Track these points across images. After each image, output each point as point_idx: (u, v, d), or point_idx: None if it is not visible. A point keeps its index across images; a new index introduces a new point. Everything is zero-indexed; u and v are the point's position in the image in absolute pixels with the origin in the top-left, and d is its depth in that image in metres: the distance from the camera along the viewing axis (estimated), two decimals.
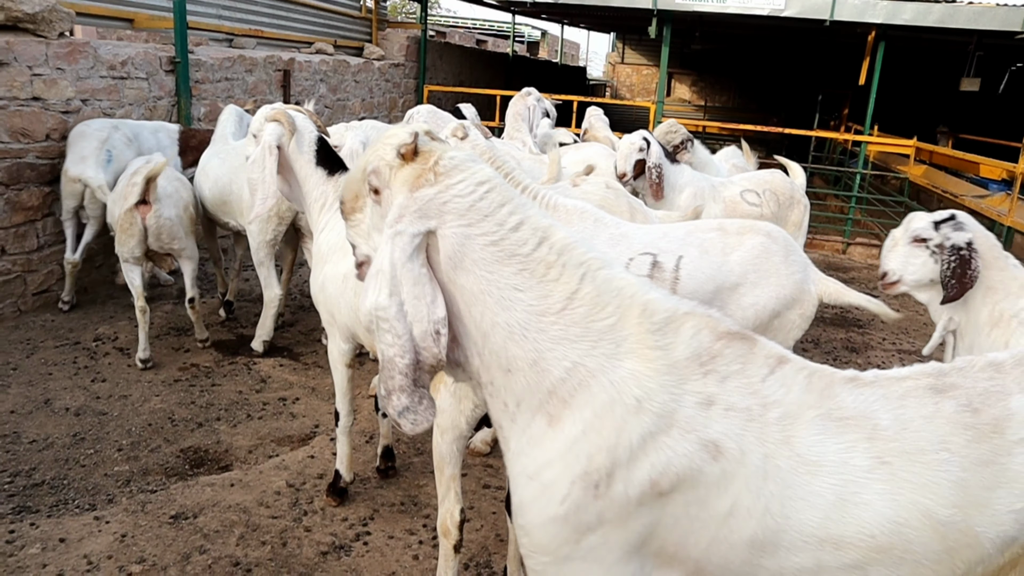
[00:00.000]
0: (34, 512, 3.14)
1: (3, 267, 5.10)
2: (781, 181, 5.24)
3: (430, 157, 1.67)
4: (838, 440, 1.62)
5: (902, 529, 1.60)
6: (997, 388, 1.69)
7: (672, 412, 1.60)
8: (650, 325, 1.65)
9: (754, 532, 1.61)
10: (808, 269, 3.44)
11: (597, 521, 1.61)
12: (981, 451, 1.62)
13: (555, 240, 1.66)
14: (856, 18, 9.64)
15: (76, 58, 5.46)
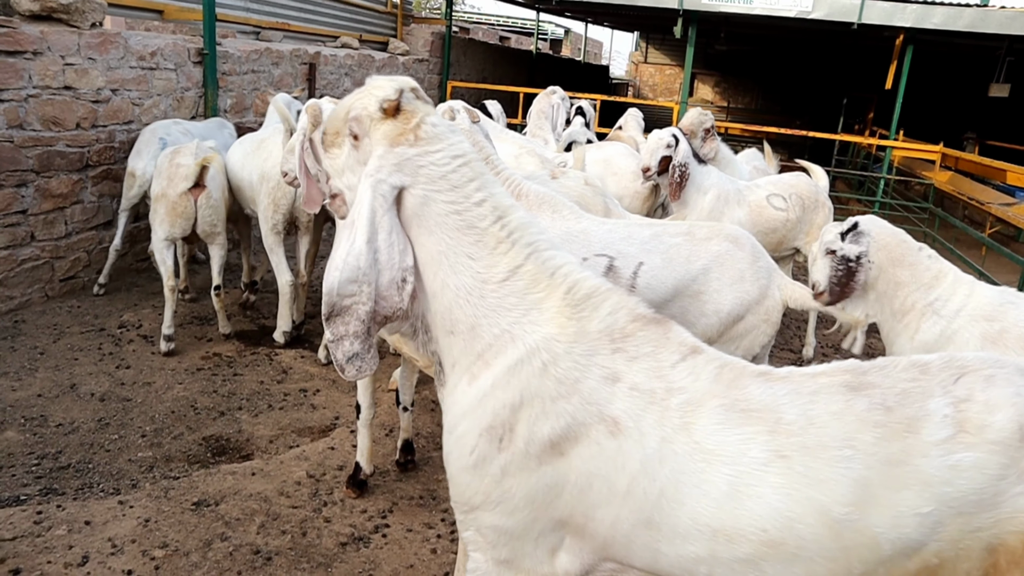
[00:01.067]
0: (60, 494, 3.20)
1: (32, 253, 5.18)
2: (806, 185, 5.21)
3: (412, 117, 1.72)
4: (738, 431, 1.63)
5: (795, 525, 1.59)
6: (918, 389, 1.66)
7: (576, 380, 1.67)
8: (572, 299, 1.73)
9: (651, 515, 1.64)
10: (774, 275, 3.40)
11: (501, 473, 1.69)
12: (891, 450, 1.59)
13: (510, 219, 1.76)
14: (884, 21, 9.55)
15: (107, 48, 5.53)
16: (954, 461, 1.59)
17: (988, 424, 1.61)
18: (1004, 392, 1.64)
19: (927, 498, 1.58)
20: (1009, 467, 1.60)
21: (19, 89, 4.91)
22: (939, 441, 1.60)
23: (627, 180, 5.57)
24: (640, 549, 1.70)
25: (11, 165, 4.94)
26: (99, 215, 5.69)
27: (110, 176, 5.72)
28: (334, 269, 1.69)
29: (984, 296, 2.95)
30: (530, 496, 1.70)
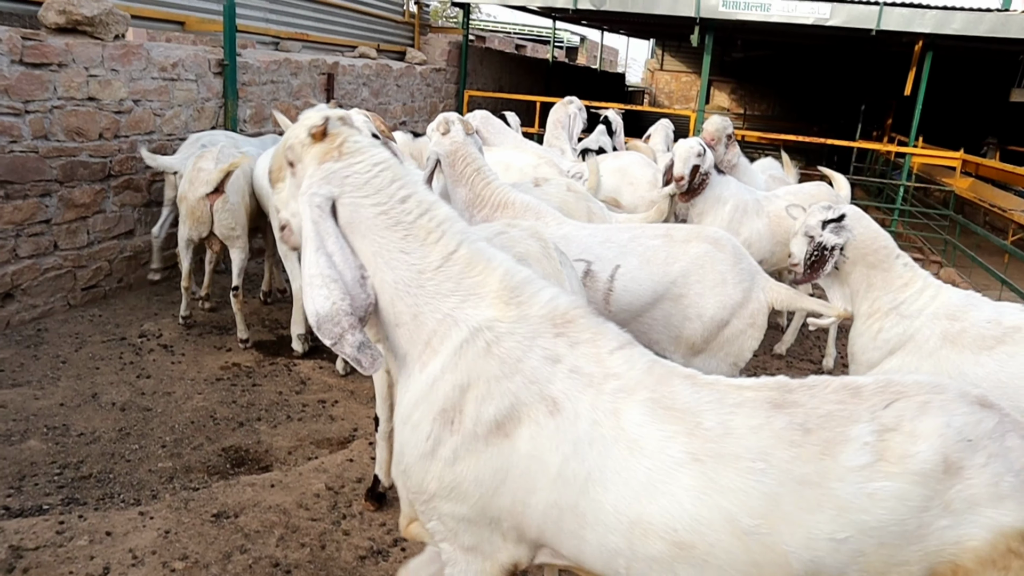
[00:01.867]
0: (82, 504, 3.22)
1: (55, 262, 5.24)
2: (827, 195, 5.17)
3: (336, 138, 1.88)
4: (661, 427, 1.66)
5: (703, 528, 1.60)
6: (844, 412, 1.65)
7: (518, 360, 1.73)
8: (509, 283, 1.82)
9: (578, 500, 1.68)
10: (757, 276, 3.36)
11: (453, 457, 1.74)
12: (805, 471, 1.59)
13: (436, 212, 1.88)
14: (904, 27, 9.47)
15: (130, 60, 5.60)
16: (872, 489, 1.57)
17: (911, 454, 1.59)
18: (934, 422, 1.62)
19: (843, 524, 1.57)
20: (932, 499, 1.58)
21: (44, 100, 4.98)
22: (857, 467, 1.58)
23: (643, 190, 5.56)
24: (568, 537, 1.72)
25: (35, 175, 5.01)
26: (120, 224, 5.75)
27: (131, 186, 5.78)
28: (306, 285, 1.80)
29: (949, 298, 3.00)
30: (479, 479, 1.74)
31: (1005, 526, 1.59)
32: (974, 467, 1.60)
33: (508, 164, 4.76)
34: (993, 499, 1.59)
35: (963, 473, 1.59)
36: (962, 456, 1.60)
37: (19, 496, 3.23)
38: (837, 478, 1.58)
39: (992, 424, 1.65)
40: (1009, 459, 1.62)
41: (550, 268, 2.54)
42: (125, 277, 5.84)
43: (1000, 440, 1.63)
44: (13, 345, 4.71)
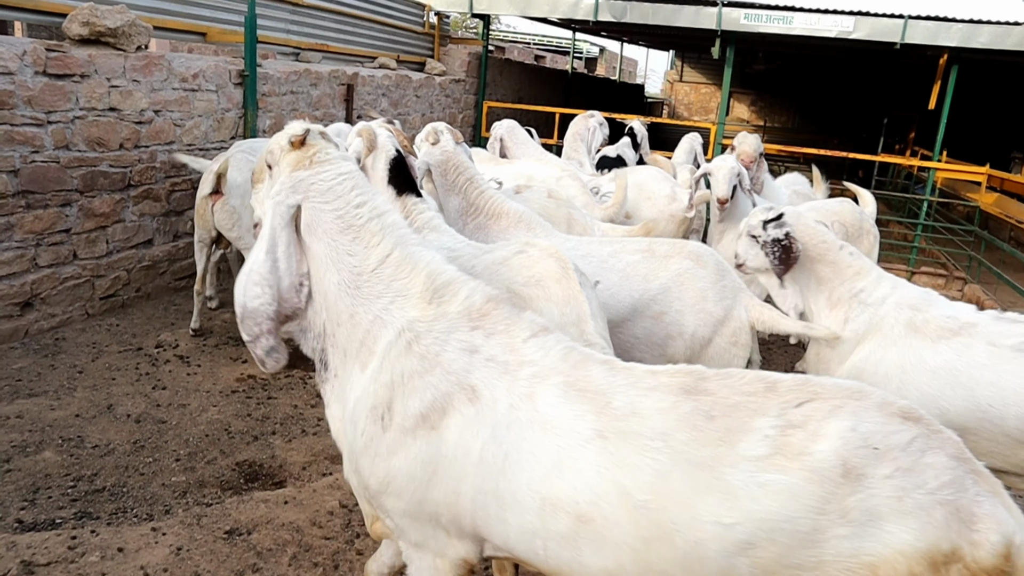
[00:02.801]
0: (95, 519, 3.20)
1: (74, 272, 5.25)
2: (850, 211, 5.09)
3: (311, 148, 2.05)
4: (572, 407, 1.72)
5: (600, 502, 1.65)
6: (752, 404, 1.66)
7: (436, 355, 1.84)
8: (432, 284, 1.95)
9: (498, 482, 1.74)
10: (740, 295, 3.26)
11: (388, 452, 1.83)
12: (700, 454, 1.61)
13: (385, 219, 2.02)
14: (929, 41, 9.35)
15: (151, 70, 5.63)
16: (764, 480, 1.57)
17: (809, 452, 1.58)
18: (839, 424, 1.60)
19: (730, 509, 1.57)
20: (828, 502, 1.55)
21: (67, 111, 5.01)
22: (753, 457, 1.59)
23: (661, 204, 5.49)
24: (496, 522, 1.78)
25: (57, 185, 5.03)
26: (139, 234, 5.76)
27: (151, 196, 5.80)
28: (242, 276, 1.96)
29: (909, 290, 3.10)
30: (412, 473, 1.82)
31: (906, 545, 1.53)
32: (877, 477, 1.56)
33: (531, 176, 4.72)
34: (896, 514, 1.54)
35: (864, 481, 1.55)
36: (864, 463, 1.56)
37: (33, 509, 3.21)
38: (730, 464, 1.59)
39: (908, 437, 1.60)
40: (922, 476, 1.57)
41: (569, 290, 2.48)
42: (143, 287, 5.86)
43: (917, 455, 1.58)
44: (31, 354, 4.72)
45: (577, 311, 2.46)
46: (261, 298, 1.93)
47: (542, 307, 2.48)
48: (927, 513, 1.54)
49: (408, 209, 3.10)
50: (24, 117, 4.73)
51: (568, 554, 1.70)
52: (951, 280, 9.39)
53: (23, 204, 4.83)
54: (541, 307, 2.48)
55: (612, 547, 1.65)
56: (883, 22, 9.51)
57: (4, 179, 4.68)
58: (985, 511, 1.58)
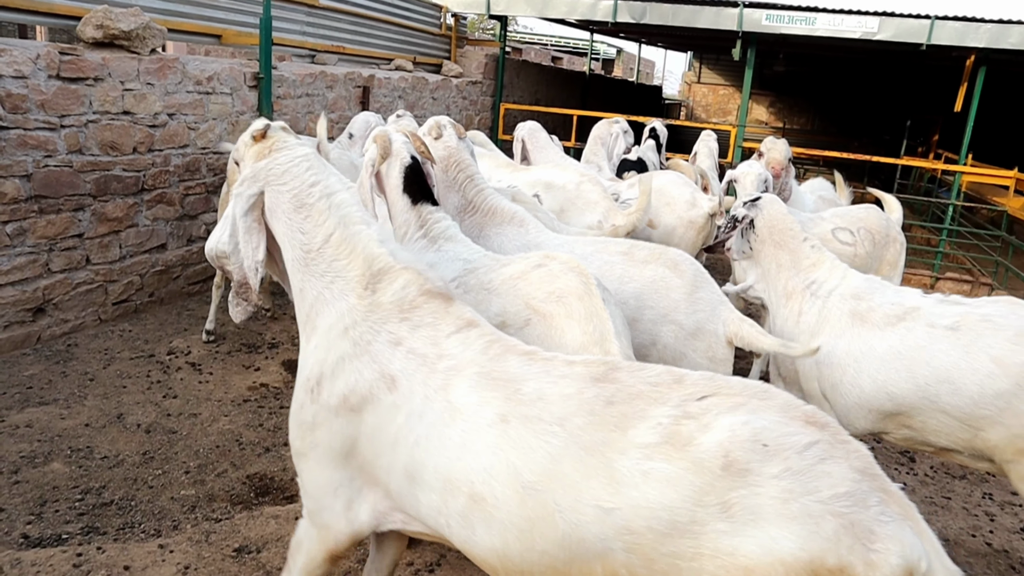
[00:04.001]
0: (102, 534, 3.12)
1: (87, 277, 5.21)
2: (876, 218, 4.93)
3: (271, 140, 2.19)
4: (481, 395, 1.79)
5: (492, 481, 1.71)
6: (654, 394, 1.67)
7: (368, 343, 1.95)
8: (369, 271, 2.04)
9: (407, 463, 1.85)
10: (717, 308, 3.08)
11: (313, 422, 1.98)
12: (592, 439, 1.64)
13: (335, 198, 2.11)
14: (956, 42, 9.14)
15: (165, 73, 5.57)
16: (648, 468, 1.57)
17: (695, 442, 1.57)
18: (732, 419, 1.59)
19: (611, 494, 1.58)
20: (707, 494, 1.52)
21: (80, 115, 4.96)
22: (642, 444, 1.60)
23: (681, 209, 5.35)
24: (408, 498, 1.89)
25: (69, 190, 4.98)
26: (153, 239, 5.71)
27: (164, 200, 5.75)
28: (210, 239, 2.16)
29: (855, 280, 3.17)
30: (329, 444, 1.96)
31: (786, 552, 1.46)
32: (764, 475, 1.51)
33: (549, 183, 4.61)
34: (779, 518, 1.48)
35: (748, 478, 1.51)
36: (750, 459, 1.52)
37: (39, 523, 3.14)
38: (619, 451, 1.61)
39: (807, 441, 1.55)
40: (815, 483, 1.50)
41: (591, 306, 2.37)
42: (156, 291, 5.81)
43: (813, 461, 1.52)
44: (43, 360, 4.68)
45: (600, 330, 2.34)
46: (228, 264, 2.14)
47: (563, 325, 2.37)
48: (815, 522, 1.46)
49: (423, 218, 3.00)
50: (37, 121, 4.69)
51: (465, 532, 1.77)
52: (977, 286, 9.17)
53: (36, 209, 4.78)
54: (562, 325, 2.37)
55: (500, 526, 1.70)
56: (909, 23, 9.32)
57: (17, 184, 4.63)
58: (888, 532, 1.48)
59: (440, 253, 2.86)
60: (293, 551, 2.16)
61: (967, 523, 3.86)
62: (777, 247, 3.27)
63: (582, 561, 1.63)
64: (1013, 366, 2.69)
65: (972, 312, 2.87)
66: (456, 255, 2.83)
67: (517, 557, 1.70)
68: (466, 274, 2.68)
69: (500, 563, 1.74)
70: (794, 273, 3.23)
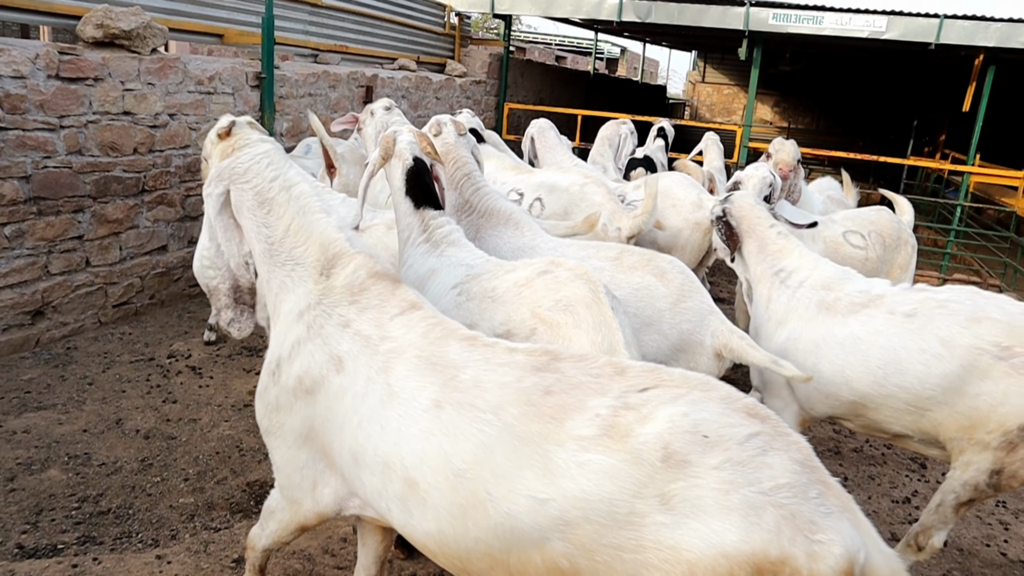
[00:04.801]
0: (98, 544, 3.06)
1: (86, 279, 5.15)
2: (888, 220, 4.84)
3: (235, 138, 2.22)
4: (420, 380, 1.81)
5: (424, 466, 1.73)
6: (594, 385, 1.66)
7: (321, 326, 2.00)
8: (325, 257, 2.10)
9: (351, 446, 1.88)
10: (706, 319, 2.98)
11: (276, 404, 2.05)
12: (528, 429, 1.63)
13: (295, 190, 2.17)
14: (966, 41, 9.04)
15: (166, 73, 5.51)
16: (584, 459, 1.56)
17: (633, 433, 1.55)
18: (672, 410, 1.57)
19: (546, 485, 1.57)
20: (646, 486, 1.50)
21: (79, 115, 4.90)
22: (580, 436, 1.58)
23: (687, 211, 5.26)
24: (356, 481, 1.92)
25: (69, 191, 4.93)
26: (153, 240, 5.65)
27: (165, 201, 5.69)
28: (196, 260, 2.29)
29: (826, 270, 3.23)
30: (291, 426, 2.02)
31: (729, 546, 1.43)
32: (703, 467, 1.49)
33: (553, 185, 4.53)
34: (719, 510, 1.45)
35: (688, 469, 1.49)
36: (689, 450, 1.50)
37: (35, 533, 3.08)
38: (556, 442, 1.59)
39: (747, 433, 1.54)
40: (756, 475, 1.48)
41: (600, 315, 2.29)
42: (157, 294, 5.75)
43: (755, 453, 1.51)
44: (42, 364, 4.62)
45: (610, 340, 2.26)
46: (215, 279, 2.20)
47: (571, 335, 2.29)
48: (757, 513, 1.44)
49: (426, 223, 2.92)
50: (36, 122, 4.63)
51: (404, 517, 1.80)
52: (984, 287, 9.05)
53: (35, 211, 4.73)
54: (570, 335, 2.29)
55: (434, 511, 1.72)
56: (917, 22, 9.23)
57: (15, 185, 4.57)
58: (829, 523, 1.47)
59: (443, 258, 2.79)
60: (266, 516, 2.29)
61: (981, 532, 3.78)
62: (746, 235, 3.41)
63: (519, 550, 1.62)
64: (960, 348, 2.75)
65: (931, 298, 2.93)
66: (459, 260, 2.76)
67: (453, 543, 1.71)
68: (468, 280, 2.61)
69: (438, 548, 1.76)
70: (761, 259, 3.34)
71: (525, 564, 1.62)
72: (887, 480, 4.21)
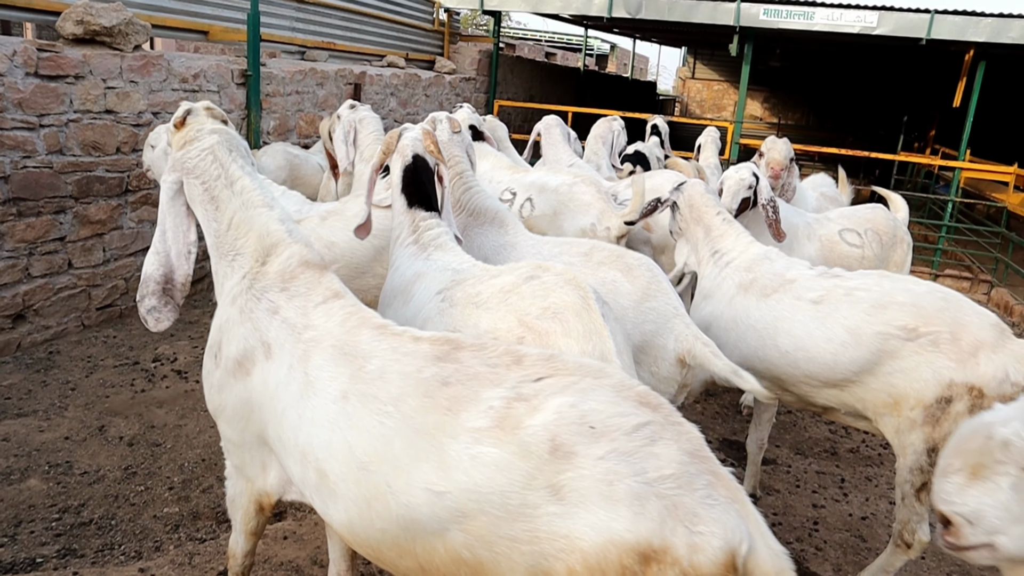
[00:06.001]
0: (79, 557, 2.97)
1: (69, 281, 5.04)
2: (884, 218, 4.78)
3: (188, 128, 2.26)
4: (332, 370, 1.85)
5: (330, 456, 1.76)
6: (490, 376, 1.68)
7: (251, 310, 2.05)
8: (262, 246, 2.15)
9: (279, 431, 1.91)
10: (670, 321, 2.84)
11: (219, 386, 2.10)
12: (425, 421, 1.65)
13: (237, 185, 2.21)
14: (957, 36, 9.02)
15: (149, 71, 5.40)
16: (476, 452, 1.58)
17: (522, 426, 1.57)
18: (560, 400, 1.58)
19: (442, 478, 1.59)
20: (535, 478, 1.52)
21: (60, 114, 4.79)
22: (473, 428, 1.60)
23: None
24: (286, 467, 1.96)
25: (50, 192, 4.81)
26: (138, 241, 5.54)
27: (149, 201, 5.58)
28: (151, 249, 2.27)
29: (751, 252, 3.38)
30: (234, 407, 2.05)
31: (615, 535, 1.46)
32: (589, 457, 1.51)
33: (543, 185, 4.46)
34: (605, 500, 1.48)
35: (575, 460, 1.51)
36: (576, 441, 1.52)
37: (12, 546, 2.98)
38: (450, 435, 1.61)
39: (636, 423, 1.55)
40: (642, 465, 1.50)
41: (591, 323, 2.20)
42: None
43: (641, 443, 1.53)
44: (23, 369, 4.51)
45: (601, 348, 2.17)
46: (152, 265, 2.21)
47: (560, 344, 2.20)
48: (640, 503, 1.46)
49: (416, 223, 2.85)
50: (15, 120, 4.51)
51: (322, 505, 1.83)
52: (976, 283, 9.06)
53: (14, 212, 4.61)
54: (559, 344, 2.20)
55: (344, 502, 1.75)
56: (908, 17, 9.20)
57: None
58: (712, 515, 1.49)
59: (428, 262, 2.71)
60: (230, 507, 2.32)
61: None
62: (696, 223, 3.59)
63: (423, 541, 1.65)
64: (867, 336, 2.85)
65: (839, 286, 3.03)
66: (445, 265, 2.67)
67: (362, 533, 1.75)
68: (453, 286, 2.51)
69: (352, 537, 1.81)
70: (704, 243, 3.53)
71: (431, 554, 1.65)
72: (884, 481, 4.17)
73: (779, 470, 4.18)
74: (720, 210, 3.58)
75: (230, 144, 2.26)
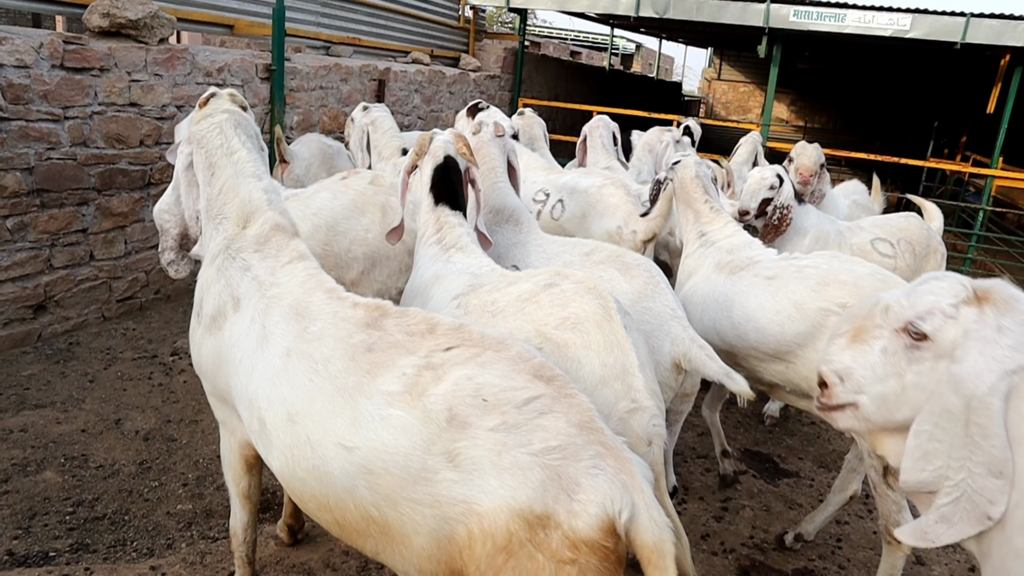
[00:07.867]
0: (92, 552, 2.95)
1: (90, 273, 5.05)
2: (917, 228, 4.65)
3: (208, 107, 2.46)
4: (284, 327, 1.99)
5: (269, 408, 1.90)
6: (408, 343, 1.81)
7: (226, 268, 2.20)
8: (244, 212, 2.30)
9: (240, 380, 2.03)
10: (667, 323, 2.76)
11: (200, 341, 2.24)
12: (346, 382, 1.79)
13: (235, 156, 2.36)
14: (993, 40, 8.80)
15: (174, 64, 5.40)
16: (386, 413, 1.70)
17: (427, 393, 1.69)
18: (460, 372, 1.70)
19: (352, 435, 1.72)
20: (434, 443, 1.63)
21: (84, 106, 4.80)
22: (386, 392, 1.73)
23: None
24: (247, 418, 2.04)
25: (73, 183, 4.82)
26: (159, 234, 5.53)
27: None
28: (157, 203, 2.50)
29: (738, 238, 3.52)
30: (212, 362, 2.18)
31: (503, 501, 1.56)
32: (481, 428, 1.61)
33: (574, 187, 4.40)
34: (495, 469, 1.58)
35: (469, 431, 1.61)
36: (470, 413, 1.63)
37: (26, 539, 2.97)
38: (366, 395, 1.75)
39: (527, 396, 1.64)
40: (529, 436, 1.59)
41: (612, 335, 2.11)
42: (162, 288, 5.64)
43: (531, 416, 1.62)
44: (43, 360, 4.52)
45: (623, 362, 2.08)
46: (170, 223, 2.44)
47: (580, 356, 2.10)
48: (524, 473, 1.56)
49: (440, 222, 2.82)
50: (40, 112, 4.52)
51: (265, 453, 1.96)
52: None
53: (38, 203, 4.62)
54: (579, 356, 2.10)
55: (278, 450, 1.87)
56: (943, 20, 9.00)
57: (18, 177, 4.47)
58: (594, 484, 1.56)
59: (448, 264, 2.66)
60: (225, 471, 2.47)
61: None
62: (686, 205, 3.69)
63: (335, 495, 1.76)
64: (809, 310, 2.96)
65: (792, 264, 3.18)
66: (464, 268, 2.62)
67: (290, 481, 1.88)
68: (470, 292, 2.44)
69: (285, 485, 1.95)
70: (692, 227, 3.66)
71: (343, 510, 1.76)
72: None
73: (802, 483, 4.08)
74: (708, 197, 3.64)
75: (238, 122, 2.44)
